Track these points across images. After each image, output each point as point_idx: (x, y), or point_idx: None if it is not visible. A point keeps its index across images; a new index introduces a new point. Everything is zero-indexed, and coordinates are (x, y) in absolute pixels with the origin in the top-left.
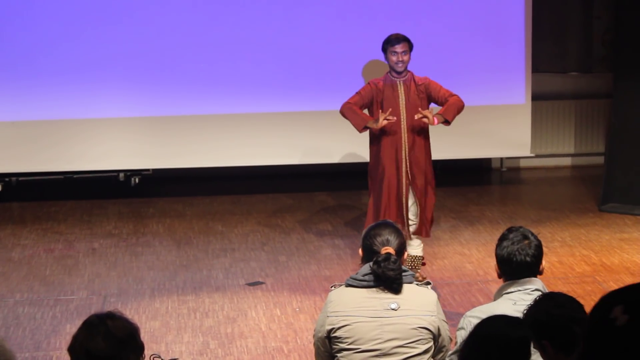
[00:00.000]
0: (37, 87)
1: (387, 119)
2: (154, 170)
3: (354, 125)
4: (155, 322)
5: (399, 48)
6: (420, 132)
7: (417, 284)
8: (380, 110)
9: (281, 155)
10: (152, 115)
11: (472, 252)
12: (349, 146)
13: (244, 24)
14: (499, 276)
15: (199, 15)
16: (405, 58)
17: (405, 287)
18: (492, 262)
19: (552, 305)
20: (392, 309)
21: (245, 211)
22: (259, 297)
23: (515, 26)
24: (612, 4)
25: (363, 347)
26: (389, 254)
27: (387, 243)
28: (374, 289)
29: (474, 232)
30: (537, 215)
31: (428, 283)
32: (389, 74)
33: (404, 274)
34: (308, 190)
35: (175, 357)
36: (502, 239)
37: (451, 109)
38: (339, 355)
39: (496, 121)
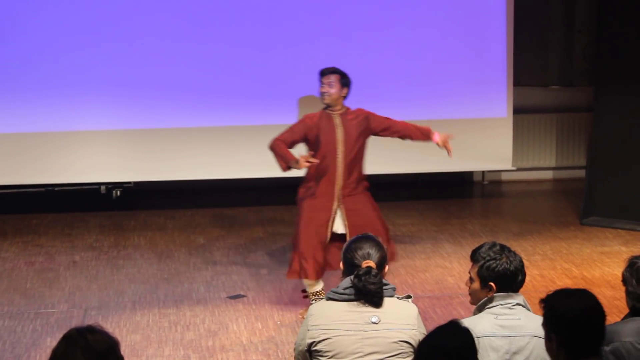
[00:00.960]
0: (19, 100)
1: (309, 161)
2: (136, 183)
3: (278, 164)
4: (136, 336)
5: (325, 79)
6: (357, 167)
7: (397, 297)
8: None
9: (262, 169)
10: (133, 128)
11: (454, 265)
12: None
13: (224, 38)
14: (479, 293)
15: (180, 29)
16: (332, 91)
17: (386, 300)
18: None
19: (574, 302)
20: (373, 323)
21: (227, 224)
22: (240, 310)
23: (496, 39)
24: (594, 18)
25: None
26: (369, 267)
27: (367, 257)
28: (355, 303)
29: (456, 245)
30: (519, 228)
31: (409, 296)
32: (324, 108)
33: (384, 287)
34: (290, 203)
35: None
36: (490, 257)
37: (419, 131)
38: None
39: (478, 134)
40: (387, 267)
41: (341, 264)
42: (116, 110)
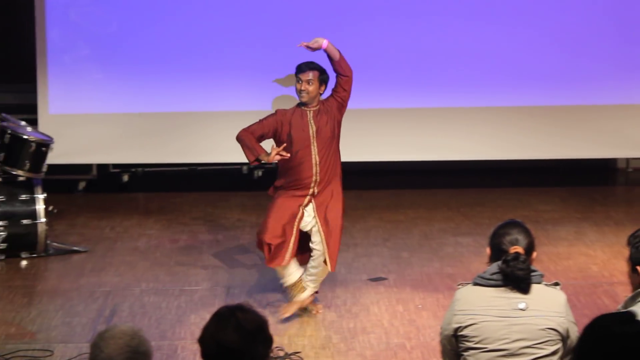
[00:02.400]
0: (165, 79)
1: (280, 155)
2: (277, 163)
3: (245, 156)
4: (279, 315)
5: (303, 76)
6: (332, 163)
7: (546, 284)
8: (274, 145)
9: (404, 152)
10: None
11: (597, 254)
12: (470, 143)
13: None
14: (631, 278)
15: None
16: (310, 88)
17: (534, 287)
18: (618, 264)
19: None
20: (520, 309)
21: (367, 206)
22: (381, 293)
23: None
24: None
25: (490, 347)
26: (517, 253)
27: (515, 242)
28: (502, 289)
29: (599, 233)
30: None
31: (557, 284)
32: (299, 104)
33: (532, 273)
34: (430, 187)
35: (298, 351)
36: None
37: (341, 58)
38: (465, 354)
39: (622, 120)
40: (534, 253)
41: (488, 250)
42: (260, 92)
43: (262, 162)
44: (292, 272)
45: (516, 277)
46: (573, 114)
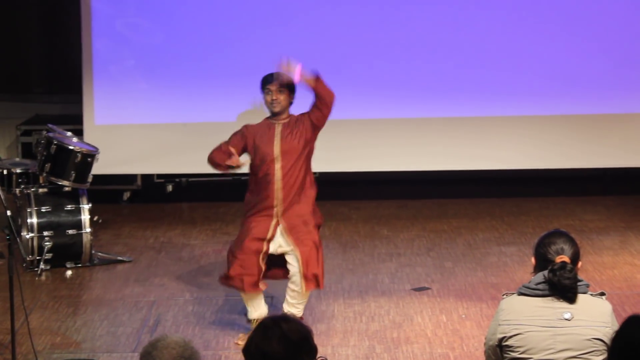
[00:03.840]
0: (210, 90)
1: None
2: (321, 173)
3: (217, 169)
4: (322, 325)
5: (272, 87)
6: (299, 179)
7: (591, 294)
8: (256, 174)
9: (447, 161)
10: None
11: None
12: (514, 153)
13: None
14: None
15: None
16: (281, 97)
17: (580, 296)
18: None
19: None
20: (566, 319)
21: (411, 216)
22: (424, 303)
23: None
24: None
25: (535, 357)
26: (564, 262)
27: (561, 252)
28: (547, 298)
29: None
30: None
31: (602, 293)
32: (268, 118)
33: (578, 283)
34: (473, 196)
35: None
36: None
37: (324, 85)
38: None
39: None
40: (579, 263)
41: (533, 259)
42: (301, 102)
43: (233, 167)
44: (260, 307)
45: (563, 286)
46: (618, 123)
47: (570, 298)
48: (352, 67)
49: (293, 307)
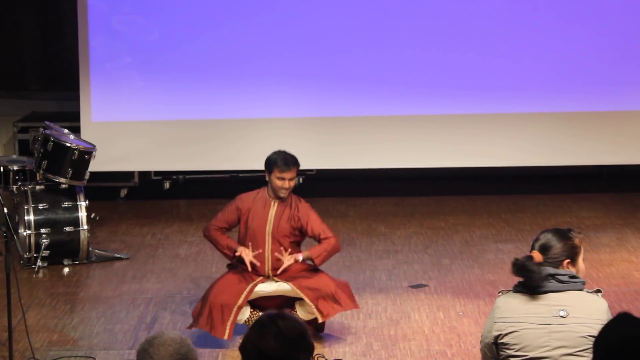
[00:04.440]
0: (207, 87)
1: (253, 262)
2: (318, 170)
3: (222, 254)
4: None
5: (287, 175)
6: (288, 254)
7: (587, 292)
8: (245, 246)
9: (444, 158)
10: (316, 116)
11: None
12: (512, 150)
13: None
14: None
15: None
16: (292, 184)
17: (575, 294)
18: None
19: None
20: (561, 316)
21: (408, 213)
22: (422, 300)
23: None
24: None
25: (530, 355)
26: (528, 256)
27: (535, 247)
28: (543, 296)
29: None
30: None
31: (598, 290)
32: (266, 190)
33: (574, 280)
34: (471, 194)
35: (339, 358)
36: None
37: (323, 252)
38: None
39: None
40: (567, 260)
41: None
42: (301, 98)
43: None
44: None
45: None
46: (615, 120)
47: (532, 286)
48: (350, 65)
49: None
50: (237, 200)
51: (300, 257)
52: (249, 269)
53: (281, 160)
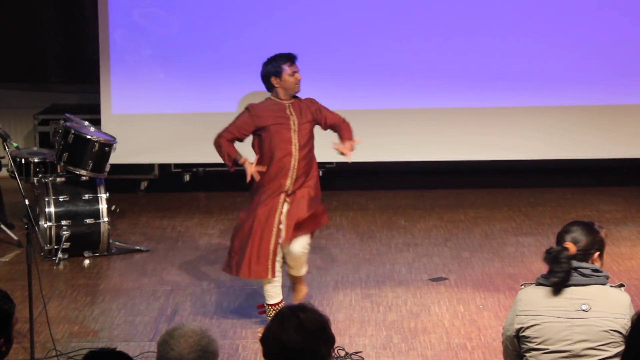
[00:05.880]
0: (226, 79)
1: (254, 175)
2: (337, 163)
3: (224, 162)
4: (339, 315)
5: (297, 67)
6: (311, 158)
7: (611, 286)
8: (257, 157)
9: (464, 151)
10: (335, 109)
11: None
12: (532, 143)
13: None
14: None
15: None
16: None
17: (598, 288)
18: None
19: None
20: (583, 310)
21: (428, 206)
22: (442, 293)
23: None
24: None
25: (552, 348)
26: (564, 247)
27: (568, 239)
28: (566, 289)
29: None
30: None
31: (622, 285)
32: (272, 98)
33: (597, 274)
34: (490, 187)
35: (359, 350)
36: None
37: (350, 134)
38: (527, 355)
39: None
40: (596, 253)
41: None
42: (318, 92)
43: (241, 165)
44: (278, 293)
45: (550, 269)
46: (636, 113)
47: (555, 283)
48: (369, 57)
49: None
50: (250, 109)
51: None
52: (248, 179)
53: (286, 56)
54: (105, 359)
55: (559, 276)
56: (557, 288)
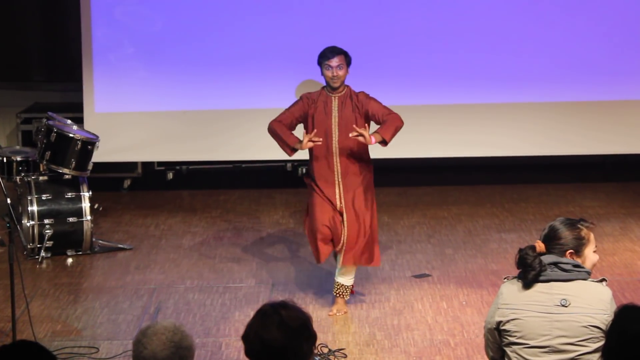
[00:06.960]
0: (210, 77)
1: (313, 141)
2: None
3: (280, 147)
4: (322, 312)
5: (334, 62)
6: (356, 152)
7: (592, 281)
8: (305, 131)
9: (447, 148)
10: None
11: None
12: (515, 140)
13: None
14: None
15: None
16: (341, 73)
17: (579, 283)
18: None
19: None
20: (562, 306)
21: (411, 203)
22: (425, 290)
23: None
24: None
25: (532, 343)
26: (532, 245)
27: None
28: (545, 284)
29: None
30: None
31: (603, 279)
32: (324, 89)
33: (578, 269)
34: (474, 183)
35: (342, 348)
36: None
37: (390, 128)
38: (507, 349)
39: None
40: (571, 251)
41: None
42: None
43: (298, 150)
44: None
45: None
46: (618, 109)
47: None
48: (359, 55)
49: (344, 278)
50: (303, 98)
51: (373, 139)
52: (304, 147)
53: (324, 50)
54: (17, 353)
55: (530, 275)
56: (528, 283)
